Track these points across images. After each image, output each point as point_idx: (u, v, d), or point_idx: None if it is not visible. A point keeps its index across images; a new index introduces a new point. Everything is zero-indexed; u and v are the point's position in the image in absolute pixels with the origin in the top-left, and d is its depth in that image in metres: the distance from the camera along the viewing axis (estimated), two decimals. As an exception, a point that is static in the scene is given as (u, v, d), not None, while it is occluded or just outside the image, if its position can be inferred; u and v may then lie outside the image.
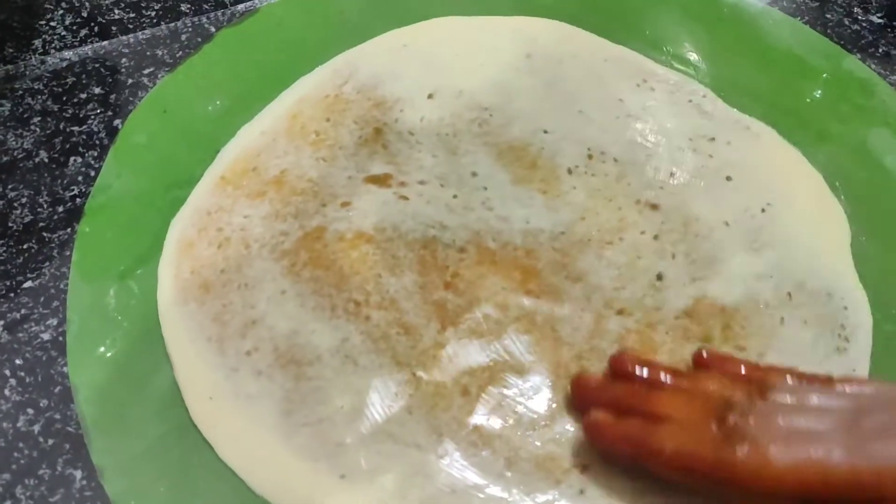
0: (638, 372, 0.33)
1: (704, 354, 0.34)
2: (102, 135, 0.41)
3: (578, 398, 0.33)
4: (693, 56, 0.44)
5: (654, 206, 0.38)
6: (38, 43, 0.43)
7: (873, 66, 0.44)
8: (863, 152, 0.40)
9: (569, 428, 0.32)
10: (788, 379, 0.32)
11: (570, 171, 0.39)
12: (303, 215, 0.37)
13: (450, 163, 0.39)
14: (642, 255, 0.37)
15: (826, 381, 0.32)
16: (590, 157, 0.39)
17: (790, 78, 0.43)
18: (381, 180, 0.38)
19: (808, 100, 0.42)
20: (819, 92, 0.42)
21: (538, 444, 0.32)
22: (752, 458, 0.29)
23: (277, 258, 0.36)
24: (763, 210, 0.38)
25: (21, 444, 0.32)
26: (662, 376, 0.33)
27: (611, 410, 0.32)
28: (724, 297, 0.36)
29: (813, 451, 0.29)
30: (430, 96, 0.41)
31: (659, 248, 0.37)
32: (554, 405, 0.33)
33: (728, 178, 0.38)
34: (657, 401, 0.32)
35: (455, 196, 0.38)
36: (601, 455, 0.32)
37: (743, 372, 0.33)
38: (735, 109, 0.41)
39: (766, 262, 0.37)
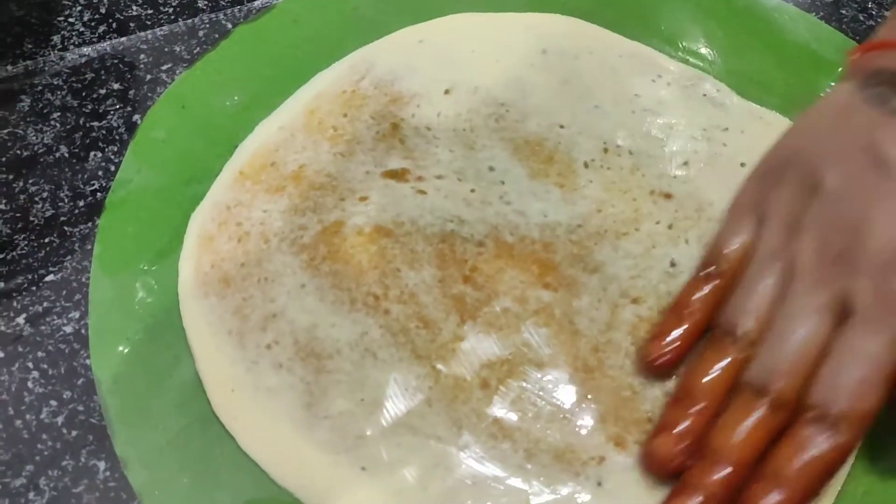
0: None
1: None
2: (122, 130, 0.41)
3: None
4: (707, 51, 0.44)
5: (668, 196, 0.38)
6: (56, 39, 0.44)
7: (888, 62, 0.44)
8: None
9: (587, 420, 0.33)
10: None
11: (586, 165, 0.39)
12: (321, 209, 0.38)
13: (467, 157, 0.39)
14: (657, 244, 0.37)
15: None
16: (605, 150, 0.40)
17: (805, 72, 0.43)
18: (398, 175, 0.39)
19: (822, 94, 0.42)
20: (834, 85, 0.42)
21: (557, 436, 0.32)
22: None
23: (297, 252, 0.37)
24: None
25: (44, 436, 0.32)
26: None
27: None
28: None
29: None
30: (446, 92, 0.41)
31: (673, 236, 0.37)
32: (572, 398, 0.33)
33: (742, 165, 0.38)
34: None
35: (472, 190, 0.38)
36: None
37: None
38: (751, 102, 0.42)
39: None
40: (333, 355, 0.34)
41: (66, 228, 0.38)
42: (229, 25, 0.45)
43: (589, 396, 0.33)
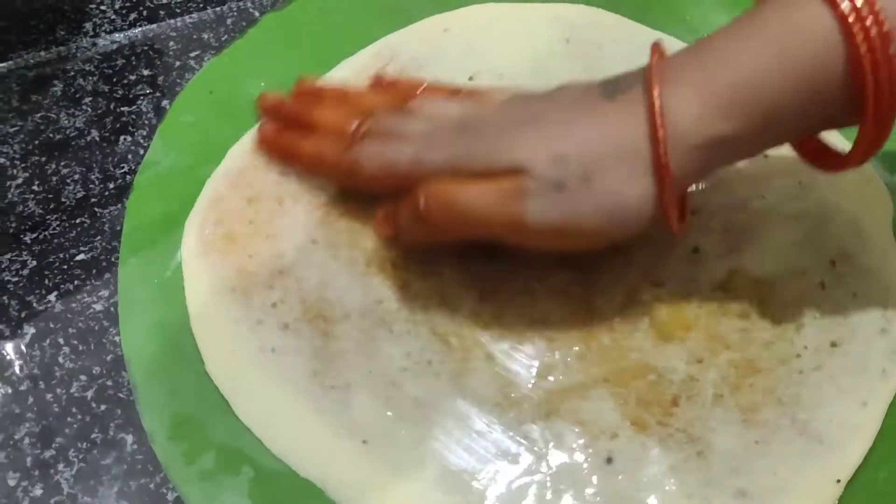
0: (308, 90, 0.39)
1: (382, 79, 0.39)
2: (150, 115, 0.42)
3: (262, 112, 0.39)
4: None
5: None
6: (88, 26, 0.45)
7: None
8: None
9: (599, 396, 0.33)
10: (435, 93, 0.37)
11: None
12: None
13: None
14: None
15: (465, 93, 0.37)
16: None
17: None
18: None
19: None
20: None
21: (567, 410, 0.32)
22: (351, 156, 0.34)
23: (311, 210, 0.36)
24: (800, 183, 0.38)
25: (74, 410, 0.33)
26: (329, 92, 0.39)
27: (282, 124, 0.38)
28: (759, 269, 0.36)
29: (392, 150, 0.33)
30: (470, 79, 0.42)
31: (696, 222, 0.37)
32: (584, 374, 0.33)
33: (765, 156, 0.39)
34: (313, 113, 0.37)
35: None
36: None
37: (403, 89, 0.38)
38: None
39: (804, 232, 0.37)
40: (342, 320, 0.34)
41: (96, 209, 0.38)
42: (257, 14, 0.45)
43: (604, 375, 0.33)
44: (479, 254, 0.36)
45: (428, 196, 0.32)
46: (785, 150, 0.34)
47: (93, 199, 0.39)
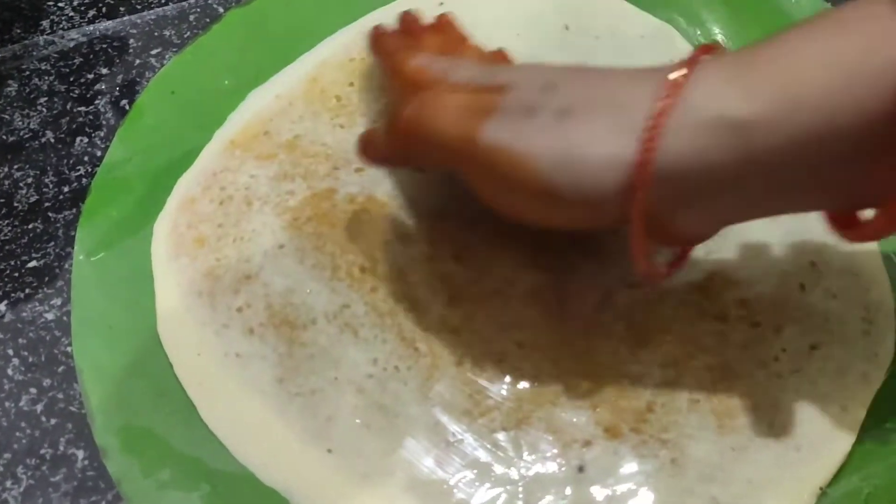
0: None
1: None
2: (109, 115, 0.40)
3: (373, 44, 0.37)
4: (719, 35, 0.42)
5: None
6: (45, 24, 0.43)
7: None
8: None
9: (572, 403, 0.31)
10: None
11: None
12: (312, 177, 0.37)
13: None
14: None
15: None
16: None
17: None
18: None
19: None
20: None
21: (539, 417, 0.31)
22: (405, 55, 0.33)
23: (279, 213, 0.35)
24: None
25: (23, 424, 0.32)
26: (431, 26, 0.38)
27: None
28: (738, 272, 0.34)
29: (435, 60, 0.33)
30: None
31: None
32: (557, 380, 0.32)
33: None
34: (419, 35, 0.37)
35: None
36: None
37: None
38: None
39: (784, 232, 0.35)
40: (308, 325, 0.33)
41: (49, 214, 0.37)
42: (221, 9, 0.44)
43: (577, 380, 0.32)
44: (448, 256, 0.34)
45: (421, 97, 0.29)
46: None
47: (46, 204, 0.37)
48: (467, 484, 0.30)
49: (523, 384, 0.32)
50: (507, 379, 0.32)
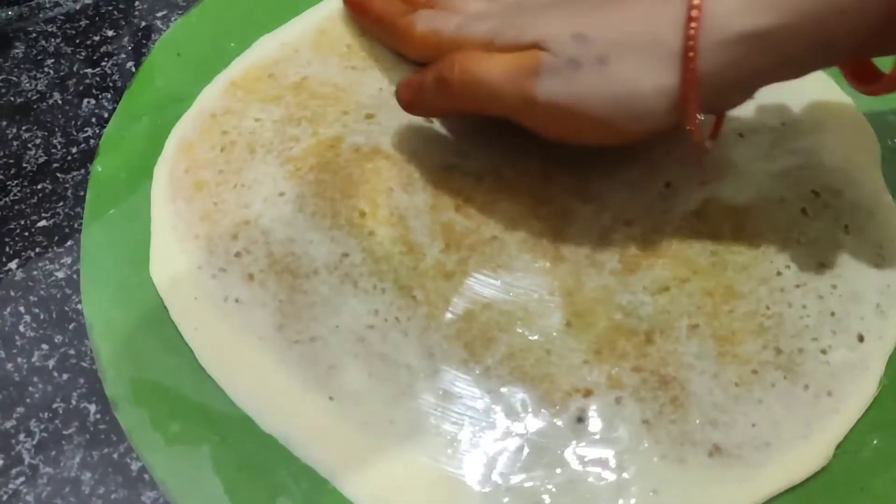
0: None
1: None
2: (115, 77, 0.40)
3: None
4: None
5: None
6: (51, -14, 0.43)
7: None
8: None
9: (565, 344, 0.31)
10: None
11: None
12: (319, 121, 0.36)
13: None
14: (655, 167, 0.36)
15: None
16: None
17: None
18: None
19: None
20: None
21: (533, 364, 0.31)
22: (409, 22, 0.35)
23: (282, 163, 0.35)
24: (783, 124, 0.36)
25: (35, 379, 0.32)
26: None
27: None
28: (735, 198, 0.34)
29: (442, 18, 0.35)
30: None
31: (669, 159, 0.36)
32: (549, 325, 0.32)
33: (750, 97, 0.37)
34: None
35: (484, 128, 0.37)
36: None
37: None
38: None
39: (784, 165, 0.35)
40: (310, 275, 0.33)
41: (58, 175, 0.37)
42: (226, -29, 0.44)
43: (570, 322, 0.32)
44: (450, 206, 0.34)
45: (455, 61, 0.32)
46: (769, 90, 0.32)
47: (55, 164, 0.37)
48: (468, 434, 0.30)
49: (517, 330, 0.32)
50: (499, 325, 0.32)
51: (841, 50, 0.29)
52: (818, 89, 0.38)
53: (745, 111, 0.37)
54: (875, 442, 0.30)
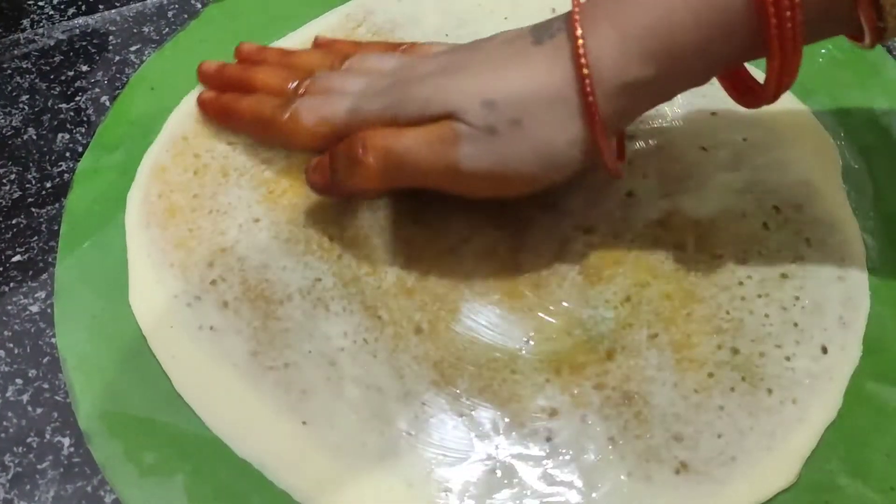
0: (248, 53, 0.39)
1: (321, 40, 0.39)
2: (90, 111, 0.41)
3: (203, 80, 0.39)
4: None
5: (632, 137, 0.37)
6: (26, 22, 0.44)
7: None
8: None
9: (531, 367, 0.32)
10: (374, 50, 0.37)
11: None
12: None
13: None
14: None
15: (403, 48, 0.37)
16: None
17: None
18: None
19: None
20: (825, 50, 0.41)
21: (500, 383, 0.31)
22: (290, 112, 0.34)
23: (256, 186, 0.36)
24: (745, 139, 0.37)
25: (10, 414, 0.32)
26: (268, 55, 0.39)
27: (221, 89, 0.38)
28: (698, 210, 0.35)
29: (329, 103, 0.34)
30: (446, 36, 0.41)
31: (631, 170, 0.36)
32: (511, 343, 0.32)
33: (712, 113, 0.38)
34: (253, 76, 0.37)
35: None
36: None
37: (342, 48, 0.38)
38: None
39: (746, 180, 0.36)
40: (284, 301, 0.33)
41: (32, 209, 0.37)
42: (199, 6, 0.44)
43: (531, 335, 0.32)
44: (409, 219, 0.35)
45: (366, 141, 0.32)
46: (731, 107, 0.33)
47: (29, 199, 0.38)
48: (439, 455, 0.30)
49: (480, 346, 0.32)
50: (461, 343, 0.32)
51: (721, 64, 0.30)
52: (780, 103, 0.39)
53: (707, 126, 0.38)
54: (841, 455, 0.30)
